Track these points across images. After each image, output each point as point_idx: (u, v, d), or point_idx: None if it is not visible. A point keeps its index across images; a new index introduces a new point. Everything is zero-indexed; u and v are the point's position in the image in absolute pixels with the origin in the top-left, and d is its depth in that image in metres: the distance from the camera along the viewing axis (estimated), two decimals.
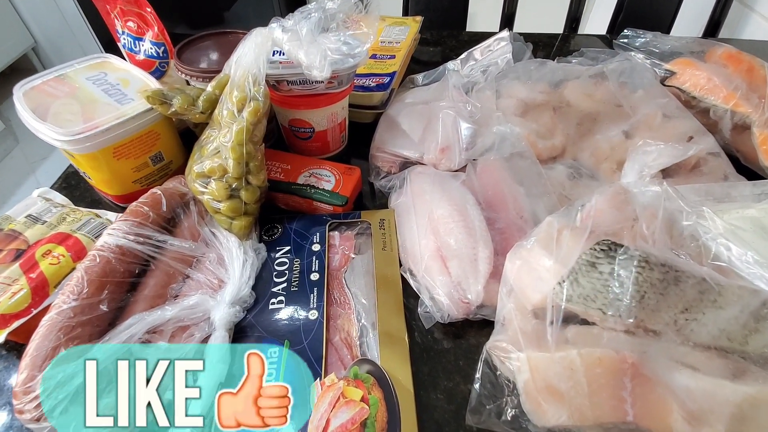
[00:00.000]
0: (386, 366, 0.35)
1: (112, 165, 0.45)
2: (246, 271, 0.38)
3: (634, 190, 0.36)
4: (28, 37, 2.05)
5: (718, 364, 0.30)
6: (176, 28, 2.00)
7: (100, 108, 0.44)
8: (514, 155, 0.49)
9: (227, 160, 0.39)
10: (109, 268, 0.35)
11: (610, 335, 0.31)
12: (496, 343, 0.33)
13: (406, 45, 0.67)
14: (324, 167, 0.49)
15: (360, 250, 0.44)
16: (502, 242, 0.42)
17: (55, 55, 2.17)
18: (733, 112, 0.52)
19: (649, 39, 0.63)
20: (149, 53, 0.51)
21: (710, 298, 0.30)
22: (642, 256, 0.31)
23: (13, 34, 1.96)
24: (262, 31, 0.40)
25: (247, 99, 0.39)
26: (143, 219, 0.38)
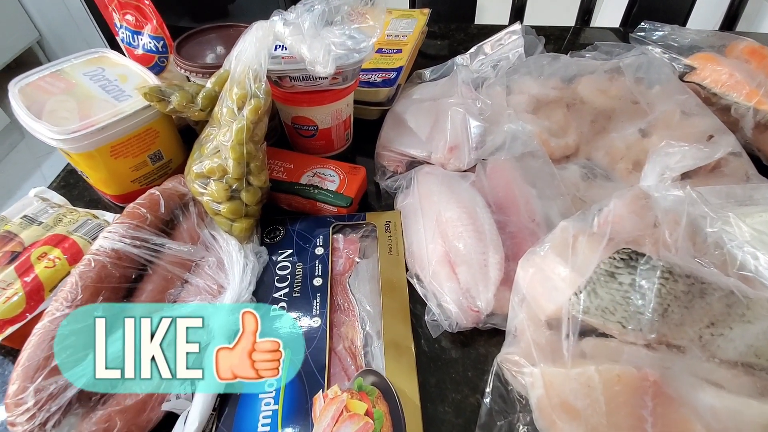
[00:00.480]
0: (392, 377, 0.33)
1: (110, 164, 0.43)
2: (246, 276, 0.37)
3: (655, 194, 0.34)
4: (33, 30, 2.04)
5: (745, 381, 0.28)
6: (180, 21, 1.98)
7: (96, 105, 0.43)
8: (526, 155, 0.47)
9: (227, 160, 0.38)
10: (105, 274, 0.34)
11: (630, 350, 0.29)
12: (507, 356, 0.32)
13: (414, 38, 0.65)
14: (328, 167, 0.47)
15: (365, 253, 0.43)
16: (514, 247, 0.40)
17: (60, 49, 2.16)
18: (756, 109, 0.50)
19: (667, 32, 0.61)
20: (148, 48, 0.50)
21: (738, 311, 0.28)
22: (665, 266, 0.29)
23: (18, 28, 1.95)
24: (263, 24, 0.38)
25: (248, 96, 0.37)
26: (140, 221, 0.37)
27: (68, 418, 0.30)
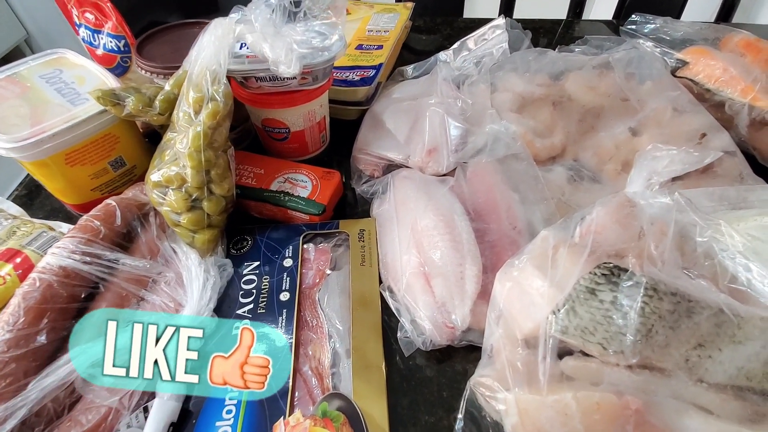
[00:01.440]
0: (360, 400, 0.31)
1: (66, 172, 0.41)
2: (206, 292, 0.35)
3: (641, 202, 0.32)
4: (20, 29, 2.00)
5: (735, 406, 0.26)
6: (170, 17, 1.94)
7: (50, 110, 0.40)
8: (509, 157, 0.44)
9: (185, 168, 0.35)
10: (51, 294, 0.32)
11: (611, 372, 0.27)
12: (480, 379, 0.30)
13: (395, 34, 0.62)
14: (300, 171, 0.45)
15: (337, 264, 0.40)
16: (493, 257, 0.38)
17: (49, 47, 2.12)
18: (751, 106, 0.47)
19: (659, 25, 0.58)
20: (109, 47, 0.47)
21: (728, 332, 0.26)
22: (649, 283, 0.27)
23: (4, 26, 1.91)
24: (222, 21, 0.36)
25: (205, 99, 0.35)
26: (92, 235, 0.35)
27: None
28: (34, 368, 0.30)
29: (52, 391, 0.30)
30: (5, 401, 0.28)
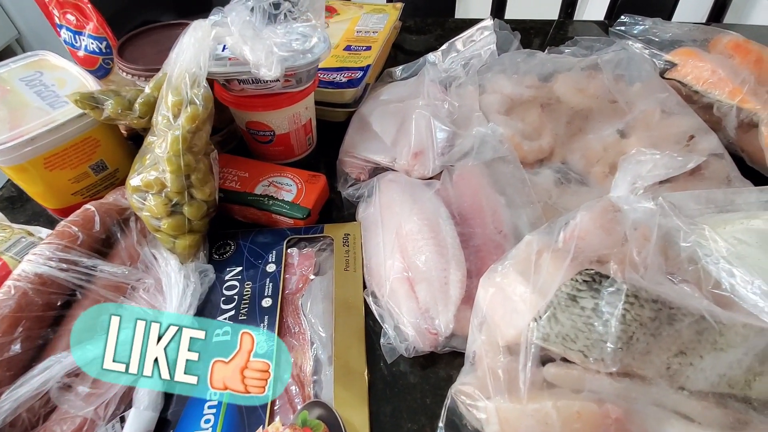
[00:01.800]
0: (341, 408, 0.31)
1: (46, 177, 0.40)
2: (186, 299, 0.34)
3: (624, 207, 0.31)
4: (11, 28, 1.98)
5: (716, 414, 0.26)
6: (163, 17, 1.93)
7: (29, 113, 0.40)
8: (496, 160, 0.44)
9: (164, 173, 0.35)
10: (26, 302, 0.31)
11: (593, 379, 0.27)
12: (461, 388, 0.29)
13: (384, 35, 0.62)
14: (285, 175, 0.44)
15: (321, 269, 0.40)
16: (478, 262, 0.37)
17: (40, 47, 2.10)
18: (740, 108, 0.47)
19: (648, 26, 0.58)
20: (90, 49, 0.46)
21: (710, 339, 0.26)
22: (631, 290, 0.26)
23: None
24: (202, 23, 0.35)
25: (184, 103, 0.34)
26: (70, 241, 0.34)
27: None
28: (8, 378, 0.29)
29: (27, 401, 0.29)
30: None
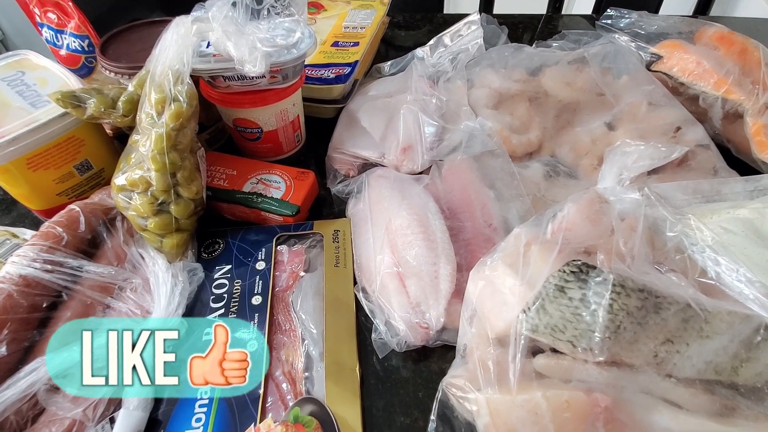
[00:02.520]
0: (333, 404, 0.31)
1: (29, 177, 0.39)
2: (175, 298, 0.34)
3: (611, 198, 0.32)
4: None
5: (704, 401, 0.26)
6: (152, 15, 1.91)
7: (11, 113, 0.39)
8: (485, 153, 0.44)
9: (149, 172, 0.34)
10: (10, 304, 0.31)
11: (581, 369, 0.27)
12: (452, 380, 0.29)
13: (372, 30, 0.61)
14: (274, 172, 0.44)
15: (311, 266, 0.40)
16: (468, 256, 0.37)
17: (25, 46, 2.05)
18: (725, 99, 0.47)
19: (635, 19, 0.58)
20: (72, 47, 0.46)
21: (695, 326, 0.26)
22: (617, 279, 0.26)
23: None
24: (185, 20, 0.35)
25: (168, 100, 0.34)
26: (55, 242, 0.34)
27: None
28: None
29: (14, 404, 0.29)
30: None
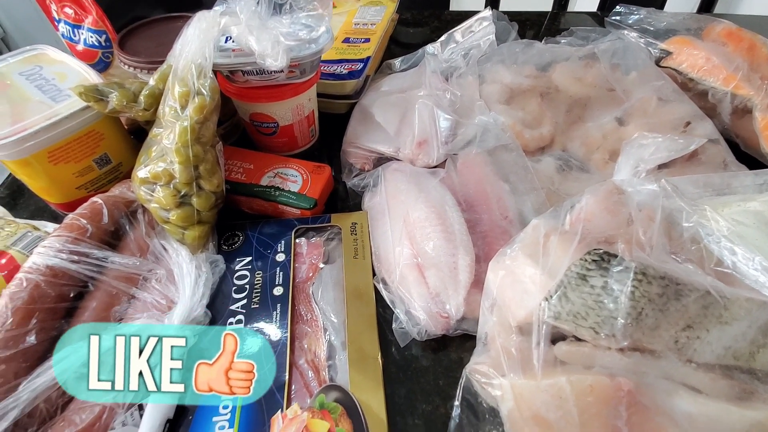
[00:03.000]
0: (357, 392, 0.31)
1: (50, 171, 0.40)
2: (199, 288, 0.34)
3: (628, 189, 0.32)
4: None
5: (723, 385, 0.27)
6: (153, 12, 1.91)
7: (31, 107, 0.39)
8: (498, 148, 0.45)
9: (173, 164, 0.35)
10: (38, 294, 0.31)
11: (603, 355, 0.28)
12: (476, 367, 0.30)
13: (382, 27, 0.62)
14: (290, 166, 0.45)
15: (330, 258, 0.40)
16: (485, 247, 0.38)
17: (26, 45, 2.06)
18: (734, 94, 0.48)
19: (643, 16, 0.59)
20: (89, 42, 0.46)
21: (715, 313, 0.27)
22: (639, 267, 0.27)
23: None
24: (206, 14, 0.35)
25: (191, 94, 0.34)
26: (79, 234, 0.34)
27: None
28: (25, 369, 0.29)
29: (44, 392, 0.29)
30: None
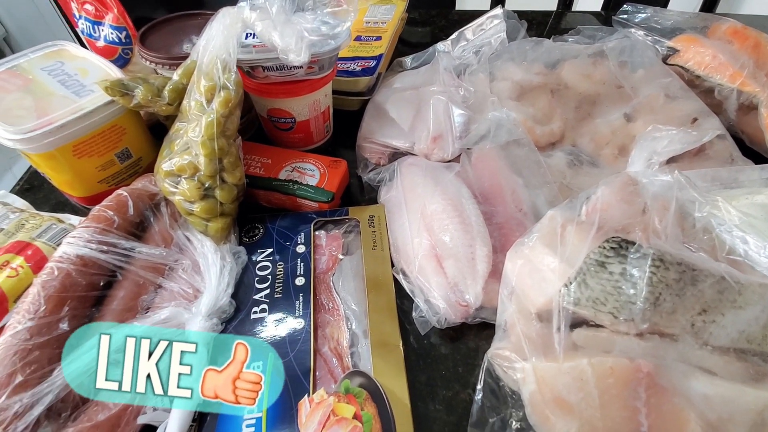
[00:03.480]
0: (380, 377, 0.32)
1: (74, 164, 0.40)
2: (224, 278, 0.35)
3: (643, 180, 0.33)
4: None
5: (738, 367, 0.28)
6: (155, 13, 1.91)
7: (55, 102, 0.40)
8: (511, 143, 0.46)
9: (198, 157, 0.36)
10: (70, 282, 0.32)
11: (622, 340, 0.29)
12: (497, 351, 0.31)
13: (393, 25, 0.63)
14: (307, 160, 0.45)
15: (348, 250, 0.41)
16: (501, 238, 0.39)
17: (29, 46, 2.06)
18: (740, 91, 0.49)
19: (650, 14, 0.60)
20: (110, 39, 0.47)
21: (730, 298, 0.28)
22: (656, 254, 0.28)
23: None
24: (230, 11, 0.36)
25: (217, 88, 0.35)
26: (107, 225, 0.35)
27: None
28: (58, 355, 0.30)
29: None
30: (31, 388, 0.28)
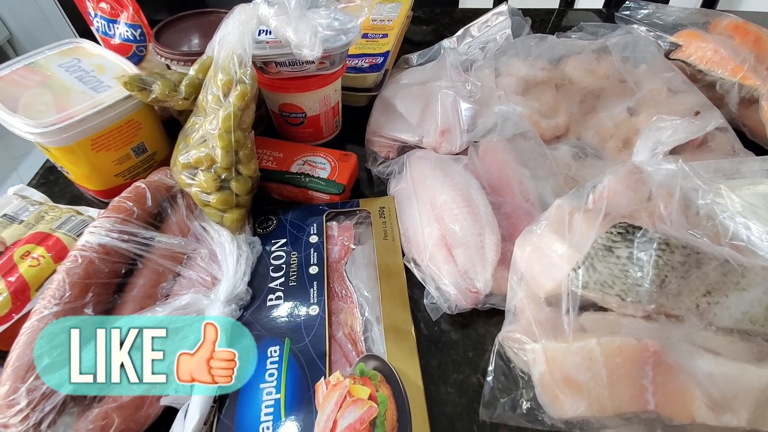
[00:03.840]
0: (393, 361, 0.33)
1: (91, 158, 0.42)
2: (241, 266, 0.36)
3: (648, 169, 0.34)
4: (3, 29, 1.96)
5: (741, 347, 0.29)
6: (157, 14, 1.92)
7: (74, 97, 0.41)
8: (517, 136, 0.47)
9: (215, 149, 0.37)
10: (93, 269, 0.33)
11: (629, 322, 0.30)
12: (508, 334, 0.32)
13: (399, 23, 0.64)
14: (318, 154, 0.46)
15: (360, 240, 0.42)
16: (509, 227, 0.40)
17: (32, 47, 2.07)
18: (741, 85, 0.50)
19: (652, 10, 0.61)
20: (125, 36, 0.48)
21: (733, 280, 0.29)
22: (662, 238, 0.29)
23: None
24: (245, 7, 0.37)
25: (234, 82, 0.36)
26: (127, 215, 0.36)
27: (63, 418, 0.29)
28: None
29: None
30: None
